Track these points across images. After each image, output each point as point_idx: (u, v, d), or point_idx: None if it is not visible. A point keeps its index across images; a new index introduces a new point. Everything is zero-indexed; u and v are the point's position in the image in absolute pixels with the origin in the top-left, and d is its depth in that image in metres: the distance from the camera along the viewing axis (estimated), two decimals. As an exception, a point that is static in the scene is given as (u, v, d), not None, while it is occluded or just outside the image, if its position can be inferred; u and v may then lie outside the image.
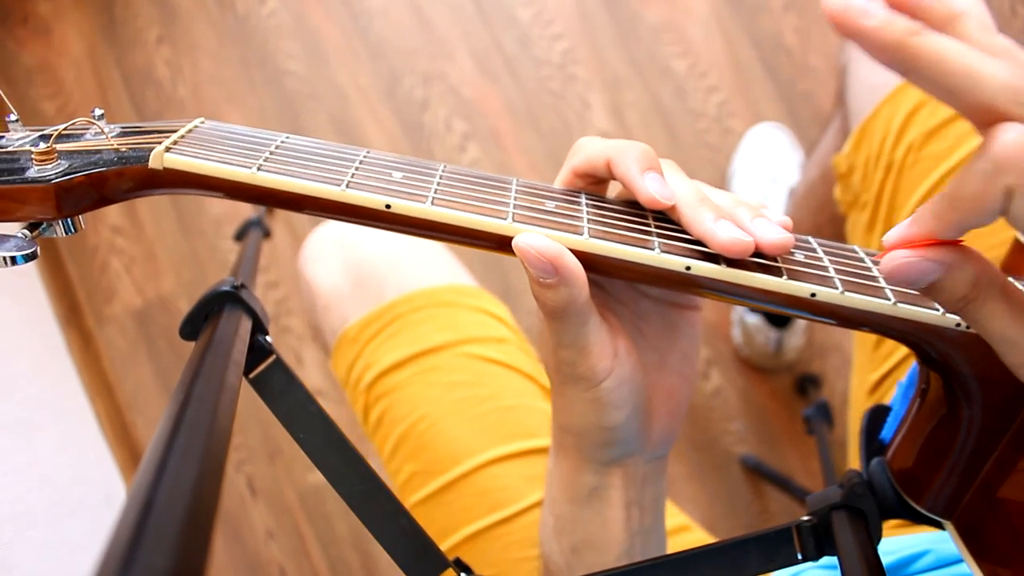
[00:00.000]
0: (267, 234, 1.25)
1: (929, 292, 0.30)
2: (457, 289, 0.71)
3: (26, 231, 0.34)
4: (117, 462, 1.26)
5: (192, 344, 0.36)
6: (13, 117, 0.39)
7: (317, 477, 1.29)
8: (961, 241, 0.30)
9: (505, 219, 0.34)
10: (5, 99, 0.39)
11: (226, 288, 0.40)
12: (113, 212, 1.42)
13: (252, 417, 1.32)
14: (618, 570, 0.37)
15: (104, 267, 1.41)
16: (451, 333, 0.67)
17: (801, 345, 1.25)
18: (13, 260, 0.33)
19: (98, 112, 0.38)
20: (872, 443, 0.41)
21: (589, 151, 0.38)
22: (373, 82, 1.42)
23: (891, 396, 0.66)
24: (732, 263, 0.34)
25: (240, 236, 1.25)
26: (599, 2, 1.41)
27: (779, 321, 1.21)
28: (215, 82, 1.45)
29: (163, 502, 0.21)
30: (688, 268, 0.34)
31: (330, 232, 0.76)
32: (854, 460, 0.72)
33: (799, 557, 0.36)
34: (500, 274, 1.34)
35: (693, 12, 1.40)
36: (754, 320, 1.21)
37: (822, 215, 0.94)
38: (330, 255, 0.74)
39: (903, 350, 0.65)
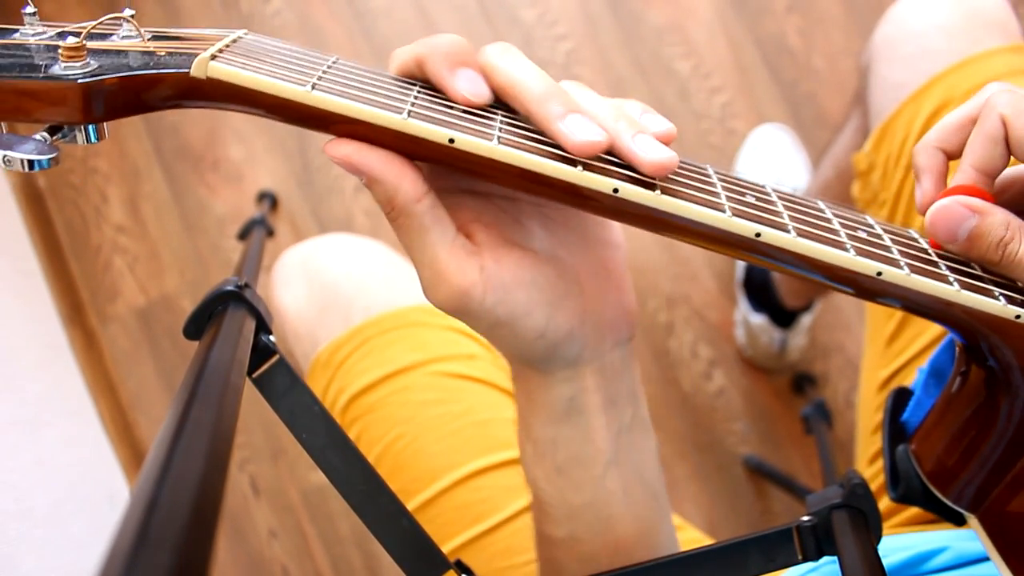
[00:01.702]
0: (271, 233, 1.26)
1: (971, 241, 0.33)
2: (425, 309, 0.70)
3: (46, 134, 0.31)
4: (120, 461, 1.27)
5: (195, 344, 0.36)
6: (30, 9, 0.34)
7: (320, 477, 1.29)
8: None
9: (577, 167, 0.32)
10: None
11: (230, 287, 0.40)
12: (116, 211, 1.42)
13: (255, 417, 1.33)
14: (619, 571, 0.37)
15: (107, 266, 1.42)
16: (421, 353, 0.67)
17: (804, 345, 1.25)
18: (31, 164, 0.29)
19: (129, 12, 0.34)
20: (895, 425, 0.41)
21: (399, 59, 0.35)
22: (377, 82, 1.42)
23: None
24: (800, 233, 0.32)
25: (244, 235, 1.26)
26: (603, 3, 1.41)
27: (783, 321, 1.21)
28: (219, 82, 1.45)
29: (167, 501, 0.21)
30: (758, 235, 0.32)
31: (294, 258, 0.76)
32: (860, 460, 0.72)
33: (799, 557, 0.37)
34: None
35: (697, 14, 1.40)
36: (758, 320, 1.21)
37: None
38: (295, 281, 0.74)
39: (916, 347, 0.65)
